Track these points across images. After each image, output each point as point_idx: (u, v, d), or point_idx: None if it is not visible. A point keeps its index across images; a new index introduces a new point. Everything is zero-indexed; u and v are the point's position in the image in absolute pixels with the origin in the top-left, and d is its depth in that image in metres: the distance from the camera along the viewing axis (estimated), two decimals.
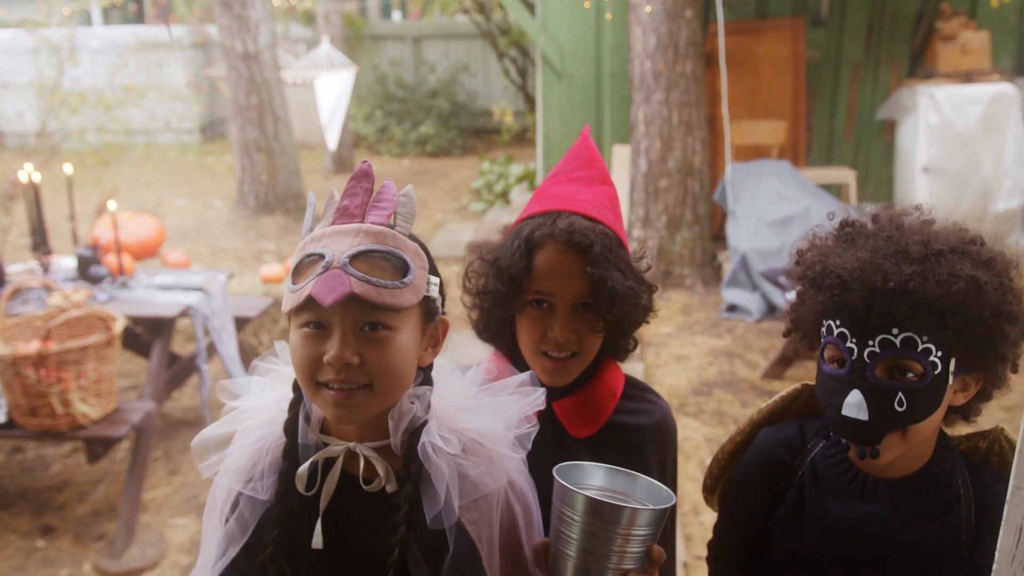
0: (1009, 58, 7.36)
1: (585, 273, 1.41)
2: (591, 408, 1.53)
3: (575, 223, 1.44)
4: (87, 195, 8.47)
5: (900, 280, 1.20)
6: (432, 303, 1.29)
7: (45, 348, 3.37)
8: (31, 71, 8.08)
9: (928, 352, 1.22)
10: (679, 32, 6.25)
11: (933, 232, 1.27)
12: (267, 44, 8.53)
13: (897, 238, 1.26)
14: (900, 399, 1.24)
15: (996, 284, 1.22)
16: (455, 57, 14.08)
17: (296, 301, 1.18)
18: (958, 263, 1.21)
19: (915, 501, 1.34)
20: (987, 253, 1.26)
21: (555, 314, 1.45)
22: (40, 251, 4.51)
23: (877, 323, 1.23)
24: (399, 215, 1.25)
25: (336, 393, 1.19)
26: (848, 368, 1.27)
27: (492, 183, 10.01)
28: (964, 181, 6.63)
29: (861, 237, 1.31)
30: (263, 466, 1.28)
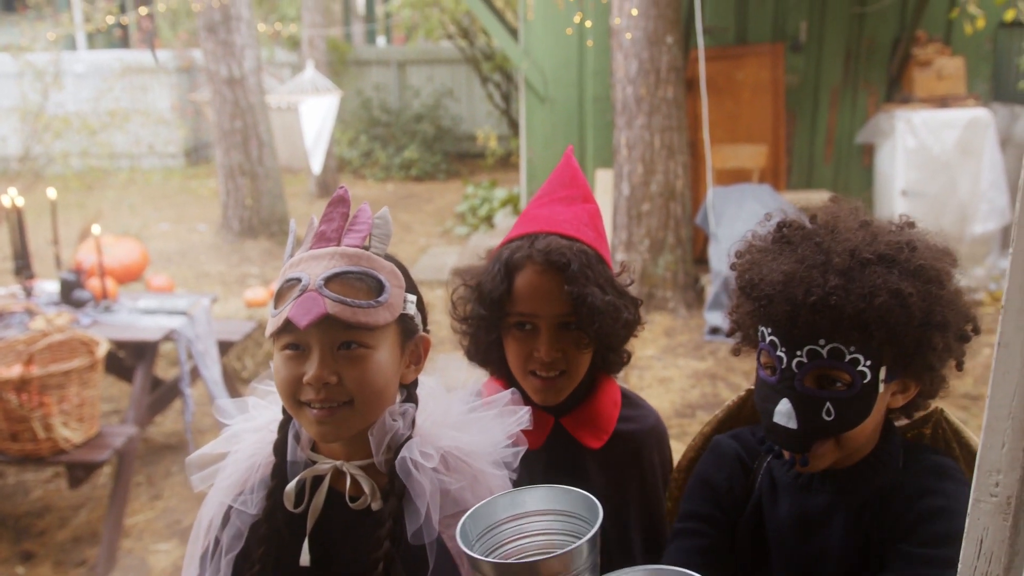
0: (984, 83, 7.50)
1: (564, 292, 1.44)
2: (598, 419, 1.57)
3: (552, 243, 1.47)
4: (71, 219, 8.45)
5: (821, 294, 1.18)
6: (410, 321, 1.31)
7: (27, 372, 3.37)
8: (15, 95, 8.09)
9: (856, 362, 1.21)
10: (660, 58, 6.34)
11: (864, 238, 1.24)
12: (252, 69, 8.58)
13: (827, 245, 1.24)
14: (828, 408, 1.23)
15: (923, 295, 1.19)
16: (439, 82, 14.18)
17: (276, 325, 1.23)
18: (883, 275, 1.19)
19: (855, 492, 1.32)
20: (917, 261, 1.22)
21: (539, 335, 1.47)
22: (23, 275, 4.50)
23: (803, 334, 1.22)
24: (374, 237, 1.29)
25: (318, 412, 1.23)
26: (778, 376, 1.26)
27: (476, 207, 10.06)
28: (942, 204, 6.72)
29: (795, 241, 1.28)
30: (253, 482, 1.32)
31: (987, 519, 0.86)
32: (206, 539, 1.32)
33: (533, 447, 1.49)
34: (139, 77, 12.30)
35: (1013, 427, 0.82)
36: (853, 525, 1.31)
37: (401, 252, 8.87)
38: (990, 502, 0.85)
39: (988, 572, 0.86)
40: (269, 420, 1.38)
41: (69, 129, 8.36)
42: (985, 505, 0.86)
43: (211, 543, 1.31)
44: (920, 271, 1.20)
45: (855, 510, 1.31)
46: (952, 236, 6.67)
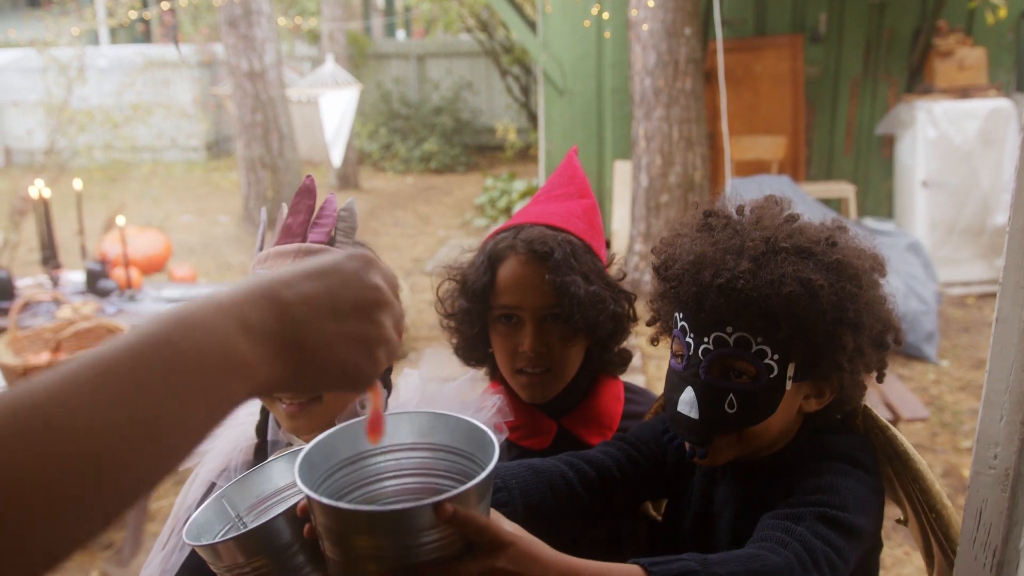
0: (1006, 74, 7.43)
1: (547, 282, 1.40)
2: (601, 416, 1.54)
3: (536, 233, 1.44)
4: (95, 211, 8.55)
5: (729, 277, 1.13)
6: None
7: (55, 360, 3.44)
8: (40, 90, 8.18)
9: (763, 354, 1.16)
10: (679, 50, 6.34)
11: (784, 230, 1.19)
12: (272, 63, 8.64)
13: (745, 232, 1.19)
14: (731, 400, 1.18)
15: (836, 290, 1.13)
16: (458, 75, 14.21)
17: None
18: (795, 264, 1.14)
19: (750, 488, 1.26)
20: (834, 255, 1.16)
21: (524, 328, 1.44)
22: (49, 265, 4.58)
23: (711, 320, 1.17)
24: (339, 231, 1.26)
25: (289, 406, 1.25)
26: (685, 363, 1.22)
27: (495, 199, 10.09)
28: (963, 195, 6.68)
29: (716, 228, 1.23)
30: (235, 463, 1.34)
31: (986, 491, 0.89)
32: (186, 515, 1.30)
33: (539, 449, 1.50)
34: (161, 71, 12.41)
35: (1011, 401, 0.85)
36: (740, 522, 1.24)
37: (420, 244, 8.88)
38: (988, 474, 0.88)
39: (987, 542, 0.89)
40: (250, 410, 1.41)
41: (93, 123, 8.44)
42: (984, 477, 0.89)
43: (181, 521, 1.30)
44: (836, 266, 1.15)
45: (745, 504, 1.25)
46: (974, 227, 6.64)
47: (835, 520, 1.07)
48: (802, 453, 1.21)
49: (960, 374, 5.24)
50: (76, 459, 0.50)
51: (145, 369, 0.54)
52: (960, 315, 6.28)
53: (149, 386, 0.54)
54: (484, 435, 0.94)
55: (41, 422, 0.49)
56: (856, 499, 1.11)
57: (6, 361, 3.48)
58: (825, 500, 1.10)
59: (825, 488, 1.11)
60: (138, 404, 0.53)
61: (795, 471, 1.18)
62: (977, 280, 6.73)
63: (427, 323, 6.21)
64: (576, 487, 1.28)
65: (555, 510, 1.25)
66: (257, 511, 1.09)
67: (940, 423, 4.62)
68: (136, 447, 0.53)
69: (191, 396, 0.56)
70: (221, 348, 0.57)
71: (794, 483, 1.16)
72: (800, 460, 1.20)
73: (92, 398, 0.52)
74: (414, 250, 8.77)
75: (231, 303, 0.60)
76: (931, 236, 6.67)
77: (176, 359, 0.55)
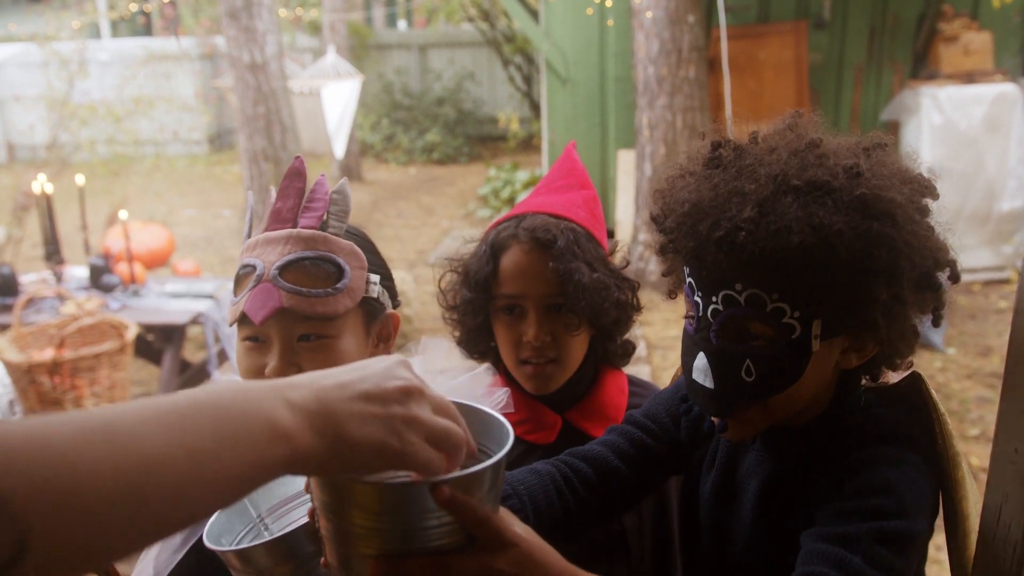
0: (1012, 58, 7.38)
1: (551, 270, 1.38)
2: (606, 409, 1.53)
3: (539, 221, 1.43)
4: (98, 206, 8.55)
5: (728, 228, 0.97)
6: (373, 303, 1.26)
7: (59, 355, 3.43)
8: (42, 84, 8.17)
9: (780, 313, 0.99)
10: (682, 37, 6.30)
11: (800, 161, 1.02)
12: (274, 54, 8.60)
13: (752, 169, 1.02)
14: (748, 367, 1.02)
15: (860, 233, 0.95)
16: (460, 65, 14.15)
17: (234, 316, 1.19)
18: (808, 206, 0.96)
19: (781, 457, 1.12)
20: (858, 190, 0.98)
21: (527, 317, 1.43)
22: (53, 261, 4.57)
23: (715, 277, 1.02)
24: (331, 215, 1.22)
25: None
26: (695, 326, 1.07)
27: (499, 189, 10.06)
28: (969, 181, 6.64)
29: (727, 164, 1.06)
30: None
31: (1007, 486, 0.86)
32: None
33: (544, 443, 1.48)
34: (163, 64, 12.38)
35: None
36: (766, 496, 1.12)
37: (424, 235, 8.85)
38: (1009, 469, 0.86)
39: (1007, 538, 0.87)
40: None
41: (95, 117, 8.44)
42: (1004, 472, 0.87)
43: None
44: (860, 204, 0.97)
45: (775, 477, 1.12)
46: (980, 213, 6.60)
47: (894, 536, 0.94)
48: (846, 430, 1.06)
49: (967, 362, 5.21)
50: (129, 475, 0.57)
51: (200, 414, 0.63)
52: (966, 302, 6.25)
53: (200, 429, 0.62)
54: (501, 426, 0.91)
55: (102, 437, 0.57)
56: (914, 497, 0.98)
57: (10, 358, 3.47)
58: (880, 507, 0.96)
59: (879, 488, 0.97)
60: (189, 442, 0.61)
61: (838, 454, 1.04)
62: (983, 267, 6.69)
63: (431, 315, 6.20)
64: (576, 488, 1.20)
65: (562, 514, 1.18)
66: (280, 512, 1.06)
67: (947, 411, 4.59)
68: (182, 480, 0.60)
69: (236, 446, 0.64)
70: (266, 413, 0.66)
71: (839, 472, 1.02)
72: (844, 440, 1.05)
73: (149, 426, 0.60)
74: (417, 241, 8.75)
75: (277, 384, 0.70)
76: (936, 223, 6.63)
77: (225, 413, 0.65)
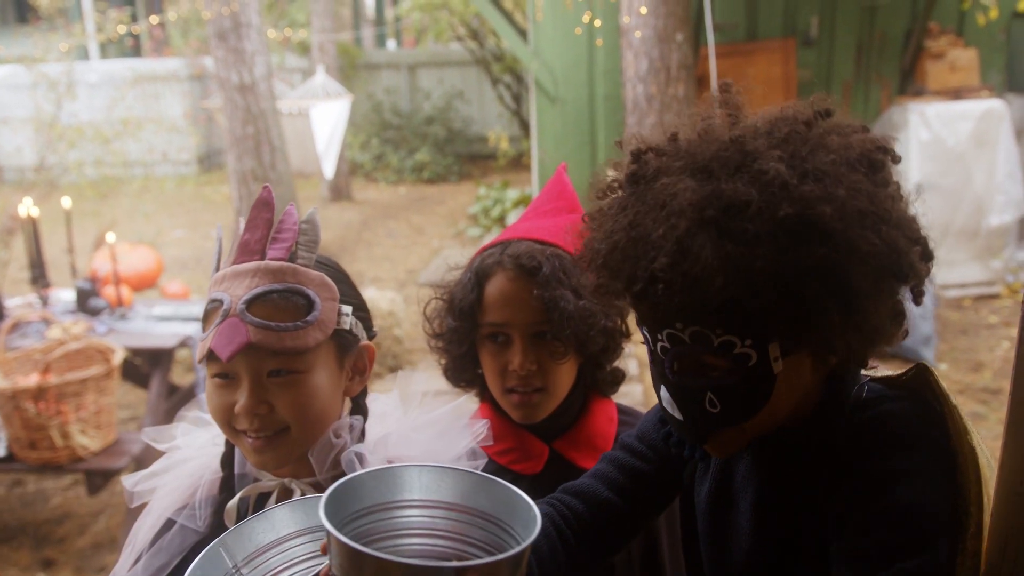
0: (997, 75, 7.43)
1: (536, 297, 1.36)
2: (593, 439, 1.50)
3: (523, 248, 1.40)
4: (85, 228, 8.50)
5: (646, 280, 0.90)
6: (346, 335, 1.22)
7: (44, 381, 3.39)
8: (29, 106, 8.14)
9: (730, 345, 0.93)
10: (670, 56, 6.31)
11: (728, 164, 0.92)
12: (263, 75, 8.60)
13: (672, 190, 0.92)
14: (711, 399, 0.97)
15: (788, 263, 0.86)
16: (450, 84, 14.18)
17: (201, 353, 1.15)
18: (724, 246, 0.87)
19: (772, 463, 1.07)
20: (786, 208, 0.86)
21: (513, 345, 1.40)
22: (39, 284, 4.53)
23: (656, 317, 0.96)
24: (301, 245, 1.19)
25: (254, 440, 1.16)
26: (651, 359, 1.02)
27: (489, 208, 10.05)
28: (957, 196, 6.66)
29: (649, 177, 0.96)
30: (200, 498, 1.24)
31: (1013, 519, 0.84)
32: (137, 553, 1.24)
33: (531, 473, 1.46)
34: (151, 85, 12.37)
35: None
36: (764, 502, 1.08)
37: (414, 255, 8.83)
38: (1015, 502, 0.83)
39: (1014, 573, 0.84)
40: (211, 436, 1.31)
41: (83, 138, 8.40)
42: (1010, 505, 0.84)
43: (140, 557, 1.23)
44: (787, 227, 0.86)
45: (771, 480, 1.07)
46: (968, 228, 6.62)
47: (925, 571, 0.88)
48: (848, 431, 1.00)
49: (958, 377, 5.21)
50: None
51: None
52: (957, 318, 6.25)
53: None
54: (529, 510, 0.88)
55: None
56: (932, 521, 0.91)
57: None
58: (900, 545, 0.90)
59: (895, 520, 0.91)
60: None
61: (841, 455, 0.98)
62: (973, 282, 6.70)
63: (422, 336, 6.15)
64: (574, 527, 1.17)
65: (564, 557, 1.14)
66: (256, 561, 1.02)
67: None
68: None
69: None
70: None
71: (847, 480, 0.96)
72: (844, 441, 0.99)
73: None
74: (408, 261, 8.72)
75: None
76: None
77: None
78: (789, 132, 0.95)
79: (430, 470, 0.95)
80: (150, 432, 1.32)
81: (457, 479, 0.95)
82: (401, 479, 0.95)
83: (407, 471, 0.96)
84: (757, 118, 0.99)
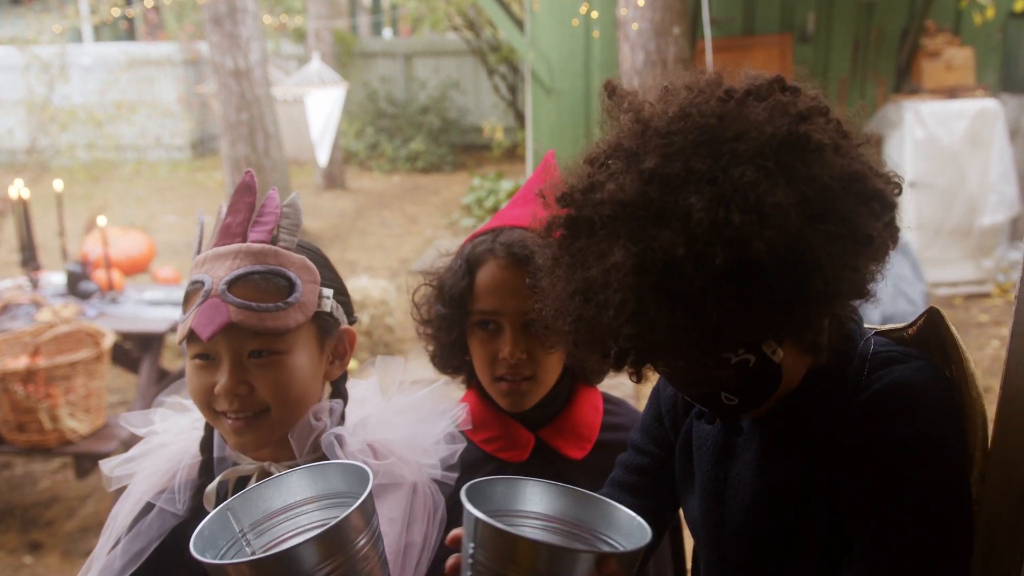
0: (993, 74, 7.45)
1: (528, 286, 1.33)
2: (579, 428, 1.50)
3: (516, 236, 1.40)
4: (77, 211, 8.46)
5: (617, 351, 0.92)
6: (327, 318, 1.23)
7: (34, 364, 3.37)
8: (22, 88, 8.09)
9: (724, 361, 0.95)
10: (667, 49, 6.30)
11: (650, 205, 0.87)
12: (258, 61, 8.56)
13: (600, 252, 0.90)
14: (726, 396, 1.01)
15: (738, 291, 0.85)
16: (445, 74, 14.14)
17: (182, 333, 1.16)
18: (670, 310, 0.85)
19: (773, 422, 1.08)
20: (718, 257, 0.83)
21: (503, 334, 1.40)
22: (29, 267, 4.51)
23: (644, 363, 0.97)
24: (282, 228, 1.20)
25: (234, 422, 1.17)
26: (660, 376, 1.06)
27: (483, 199, 10.04)
28: (951, 195, 6.68)
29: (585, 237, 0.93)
30: (179, 481, 1.25)
31: (1003, 513, 0.85)
32: (116, 538, 1.24)
33: (517, 462, 1.46)
34: (145, 69, 12.30)
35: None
36: (767, 464, 1.09)
37: (407, 244, 8.80)
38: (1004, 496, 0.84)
39: (1000, 565, 0.85)
40: (189, 421, 1.32)
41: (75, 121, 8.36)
42: (999, 499, 0.85)
43: (118, 541, 1.23)
44: (720, 272, 0.84)
45: (773, 438, 1.08)
46: (961, 227, 6.64)
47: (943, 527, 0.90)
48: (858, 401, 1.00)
49: None
50: None
51: None
52: (947, 315, 6.27)
53: None
54: (632, 519, 0.98)
55: None
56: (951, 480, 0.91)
57: None
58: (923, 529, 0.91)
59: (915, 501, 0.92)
60: None
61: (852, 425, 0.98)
62: (964, 280, 6.73)
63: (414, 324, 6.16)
64: None
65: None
66: (262, 527, 1.03)
67: None
68: None
69: None
70: None
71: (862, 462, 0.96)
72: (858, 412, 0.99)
73: None
74: (401, 250, 8.71)
75: None
76: (919, 237, 6.67)
77: None
78: (700, 136, 0.91)
79: (553, 487, 1.03)
80: (128, 417, 1.33)
81: (572, 497, 1.04)
82: (526, 491, 1.03)
83: (534, 485, 1.04)
84: (664, 119, 0.95)
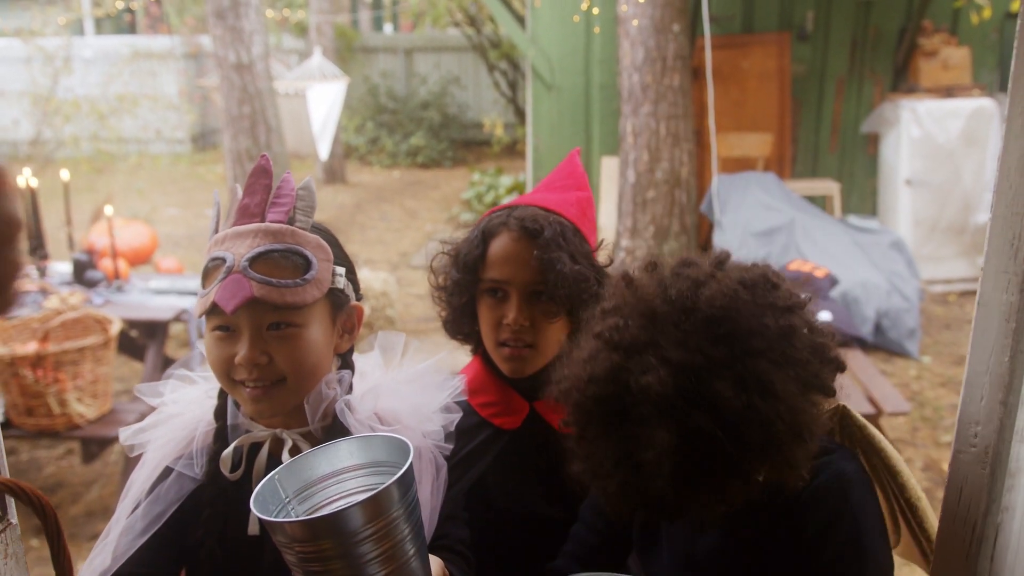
0: (989, 74, 7.51)
1: (536, 259, 1.46)
2: None
3: (529, 212, 1.51)
4: (81, 202, 8.51)
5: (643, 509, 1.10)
6: (339, 294, 1.31)
7: (43, 349, 3.43)
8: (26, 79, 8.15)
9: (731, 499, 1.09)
10: (667, 46, 6.36)
11: (609, 416, 1.07)
12: (260, 55, 8.61)
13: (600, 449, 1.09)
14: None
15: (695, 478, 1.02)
16: (446, 69, 14.19)
17: (204, 307, 1.23)
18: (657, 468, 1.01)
19: (743, 530, 1.21)
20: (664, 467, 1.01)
21: (510, 301, 1.49)
22: (36, 255, 4.56)
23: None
24: (298, 210, 1.27)
25: (252, 390, 1.24)
26: None
27: (482, 194, 10.10)
28: (946, 194, 6.75)
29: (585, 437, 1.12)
30: (196, 447, 1.32)
31: (966, 468, 0.92)
32: (135, 502, 1.30)
33: (509, 428, 1.54)
34: (147, 62, 12.34)
35: (991, 382, 0.88)
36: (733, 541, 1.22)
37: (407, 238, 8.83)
38: (970, 452, 0.91)
39: (967, 518, 0.92)
40: (204, 390, 1.39)
41: (79, 113, 8.42)
42: (965, 455, 0.92)
43: (138, 504, 1.29)
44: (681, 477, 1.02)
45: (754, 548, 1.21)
46: (956, 225, 6.71)
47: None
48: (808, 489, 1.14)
49: (941, 370, 5.30)
50: None
51: None
52: (942, 312, 6.35)
53: None
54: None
55: None
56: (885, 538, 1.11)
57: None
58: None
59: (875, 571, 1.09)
60: None
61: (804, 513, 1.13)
62: (959, 278, 6.80)
63: (414, 317, 6.22)
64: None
65: None
66: (304, 494, 1.11)
67: (921, 418, 4.68)
68: None
69: None
70: None
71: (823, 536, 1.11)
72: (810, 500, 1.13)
73: None
74: (400, 244, 8.77)
75: None
76: (914, 234, 6.74)
77: None
78: (712, 328, 1.06)
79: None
80: (142, 388, 1.39)
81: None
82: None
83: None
84: (668, 305, 1.11)
